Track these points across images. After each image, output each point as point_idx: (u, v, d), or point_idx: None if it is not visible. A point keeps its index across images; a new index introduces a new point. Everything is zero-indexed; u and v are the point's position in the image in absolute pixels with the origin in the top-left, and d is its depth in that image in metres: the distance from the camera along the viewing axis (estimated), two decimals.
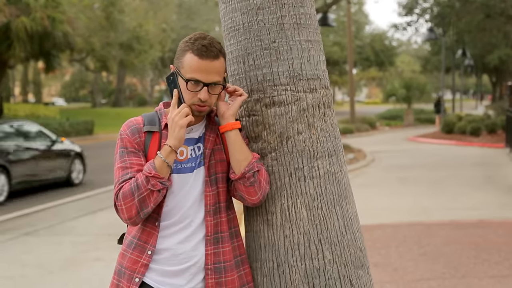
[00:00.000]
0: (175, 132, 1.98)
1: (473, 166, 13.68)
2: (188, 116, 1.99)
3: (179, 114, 1.98)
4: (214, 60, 2.00)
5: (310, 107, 2.16)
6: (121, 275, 2.09)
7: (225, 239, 2.10)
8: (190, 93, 2.02)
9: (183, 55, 2.02)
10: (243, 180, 2.05)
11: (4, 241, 7.23)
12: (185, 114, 1.99)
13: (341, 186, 2.18)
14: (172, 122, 1.98)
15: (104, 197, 10.28)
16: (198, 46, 1.99)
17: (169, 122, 2.00)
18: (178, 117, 1.98)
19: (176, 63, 2.06)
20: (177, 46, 2.10)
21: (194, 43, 2.00)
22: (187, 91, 2.02)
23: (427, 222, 7.69)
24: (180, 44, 2.07)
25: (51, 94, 76.24)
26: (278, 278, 2.12)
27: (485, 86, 65.67)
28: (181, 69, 2.03)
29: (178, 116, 1.98)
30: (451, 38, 30.79)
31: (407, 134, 25.10)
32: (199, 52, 1.99)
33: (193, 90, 2.01)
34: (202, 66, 1.99)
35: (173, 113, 2.00)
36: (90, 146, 21.69)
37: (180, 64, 2.03)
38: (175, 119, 1.98)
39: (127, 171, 2.02)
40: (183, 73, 2.02)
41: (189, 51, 2.01)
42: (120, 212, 2.00)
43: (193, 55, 1.99)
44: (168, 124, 2.01)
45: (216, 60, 2.00)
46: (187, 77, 2.01)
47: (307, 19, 2.20)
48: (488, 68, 43.05)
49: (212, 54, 1.99)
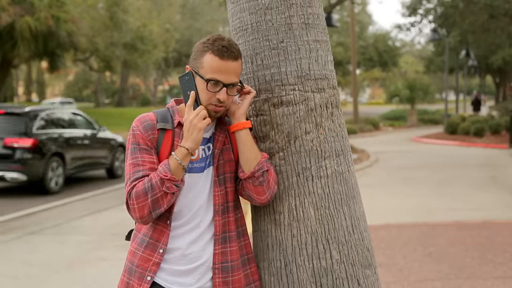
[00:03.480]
0: (194, 135, 1.97)
1: (477, 166, 13.66)
2: (207, 119, 1.99)
3: (197, 117, 1.97)
4: (234, 61, 2.01)
5: (318, 107, 2.16)
6: (132, 273, 2.09)
7: (233, 239, 2.11)
8: (209, 93, 2.01)
9: (202, 55, 2.02)
10: (252, 180, 2.06)
11: (9, 240, 7.25)
12: (203, 116, 1.98)
13: (349, 186, 2.19)
14: (190, 125, 1.97)
15: (109, 197, 10.30)
16: (219, 47, 1.99)
17: (186, 124, 1.99)
18: (196, 120, 1.97)
19: (194, 63, 2.05)
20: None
21: (214, 43, 2.00)
22: (206, 91, 2.01)
23: (431, 223, 7.68)
24: (197, 45, 2.06)
25: (54, 93, 76.38)
26: (285, 278, 2.13)
27: (489, 87, 65.52)
28: (200, 69, 2.02)
29: (197, 119, 1.97)
30: (454, 39, 30.72)
31: (410, 134, 25.08)
32: (220, 52, 1.99)
33: (213, 90, 2.01)
34: (223, 66, 1.99)
35: (191, 115, 1.98)
36: None
37: (199, 65, 2.02)
38: (193, 121, 1.97)
39: (139, 169, 2.01)
40: (202, 73, 2.01)
41: (208, 51, 2.00)
42: (132, 211, 2.00)
43: (214, 56, 1.99)
44: (185, 126, 1.99)
45: (235, 61, 2.01)
46: (208, 77, 2.00)
47: (315, 19, 2.20)
48: (492, 68, 42.96)
49: (232, 55, 2.00)
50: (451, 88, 56.20)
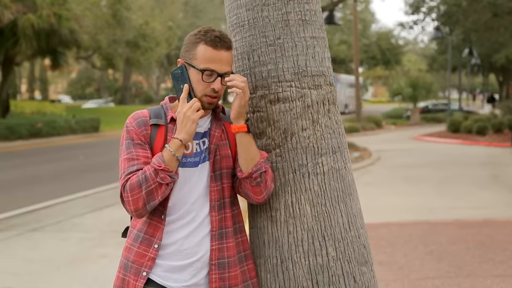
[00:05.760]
0: (187, 126, 1.98)
1: (480, 165, 13.64)
2: (200, 111, 2.00)
3: (191, 109, 1.99)
4: (227, 51, 2.04)
5: (315, 103, 2.16)
6: (128, 269, 2.09)
7: (229, 235, 2.11)
8: (204, 84, 2.03)
9: (195, 47, 2.03)
10: (249, 180, 2.07)
11: (11, 237, 7.26)
12: (197, 108, 1.99)
13: (345, 183, 2.18)
14: (184, 116, 1.98)
15: (110, 194, 10.30)
16: (212, 37, 2.01)
17: (179, 116, 2.00)
18: (190, 112, 1.98)
19: (186, 56, 2.06)
20: (183, 44, 2.11)
21: (206, 34, 2.02)
22: (201, 82, 2.03)
23: (432, 221, 7.68)
24: (188, 37, 2.07)
25: (57, 91, 76.45)
26: (281, 274, 2.13)
27: (492, 85, 65.40)
28: (194, 60, 2.03)
29: (190, 111, 1.98)
30: (457, 37, 30.66)
31: (413, 133, 25.03)
32: (213, 43, 2.01)
33: (208, 80, 2.03)
34: (217, 56, 2.01)
35: (184, 108, 2.00)
36: (96, 143, 21.79)
37: (192, 56, 2.04)
38: (187, 113, 1.98)
39: (133, 163, 2.02)
40: (196, 64, 2.03)
41: (201, 42, 2.02)
42: (127, 203, 2.01)
43: (207, 46, 2.01)
44: (178, 119, 2.00)
45: (228, 51, 2.04)
46: (202, 67, 2.02)
47: (312, 16, 2.20)
48: (495, 67, 42.87)
49: (225, 45, 2.03)
50: (454, 87, 56.12)
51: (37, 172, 13.31)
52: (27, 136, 22.08)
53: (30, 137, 22.12)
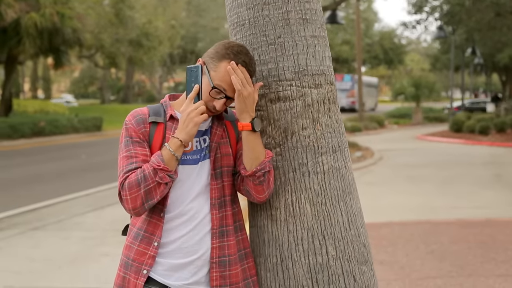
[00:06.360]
0: (188, 128, 1.97)
1: (482, 165, 13.63)
2: (204, 115, 1.99)
3: (196, 111, 1.98)
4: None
5: (315, 102, 2.16)
6: (128, 267, 2.10)
7: (230, 233, 2.11)
8: (209, 97, 2.02)
9: (221, 60, 2.01)
10: (252, 178, 2.06)
11: (13, 235, 7.27)
12: (202, 111, 1.99)
13: (346, 182, 2.18)
14: (187, 117, 1.98)
15: (112, 193, 10.31)
16: (239, 61, 2.00)
17: (183, 115, 1.99)
18: (194, 114, 1.97)
19: (208, 61, 2.04)
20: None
21: (237, 55, 2.00)
22: (207, 94, 2.02)
23: (434, 221, 7.67)
24: (219, 45, 2.05)
25: (60, 90, 76.51)
26: (281, 273, 2.13)
27: (495, 85, 65.28)
28: (212, 71, 2.02)
29: (195, 113, 1.98)
30: (460, 37, 30.61)
31: (415, 132, 25.00)
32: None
33: (214, 96, 2.02)
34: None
35: (190, 108, 1.99)
36: (99, 142, 21.82)
37: (213, 66, 2.02)
38: (191, 114, 1.97)
39: (132, 161, 2.02)
40: (212, 76, 2.01)
41: (227, 60, 2.00)
42: (125, 202, 2.01)
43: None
44: (182, 117, 1.99)
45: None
46: (215, 83, 2.01)
47: (313, 15, 2.20)
48: (498, 67, 42.77)
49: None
50: (456, 86, 56.01)
51: (39, 170, 13.33)
52: (30, 135, 22.13)
53: (32, 136, 22.17)
